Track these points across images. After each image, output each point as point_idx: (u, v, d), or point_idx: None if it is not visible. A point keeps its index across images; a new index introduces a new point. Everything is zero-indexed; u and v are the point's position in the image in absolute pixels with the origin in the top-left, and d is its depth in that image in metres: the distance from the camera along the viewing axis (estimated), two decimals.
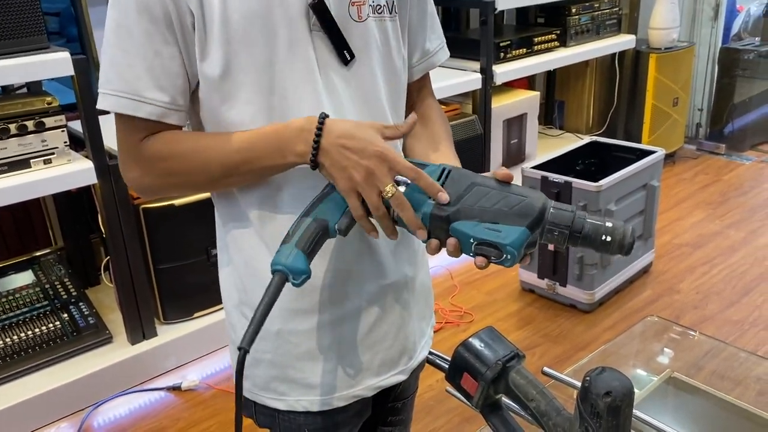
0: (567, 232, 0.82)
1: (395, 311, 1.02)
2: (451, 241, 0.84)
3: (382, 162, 0.81)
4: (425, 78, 1.09)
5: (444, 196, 0.82)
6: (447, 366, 1.09)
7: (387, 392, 1.11)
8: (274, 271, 0.84)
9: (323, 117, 0.84)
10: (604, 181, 2.41)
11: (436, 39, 1.06)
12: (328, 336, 0.98)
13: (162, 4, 0.83)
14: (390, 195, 0.82)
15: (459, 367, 0.93)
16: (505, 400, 0.95)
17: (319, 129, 0.83)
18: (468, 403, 0.96)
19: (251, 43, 0.85)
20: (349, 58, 0.91)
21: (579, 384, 1.16)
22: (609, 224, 0.81)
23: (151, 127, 0.88)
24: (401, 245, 1.01)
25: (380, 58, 0.94)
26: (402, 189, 0.84)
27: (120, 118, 0.88)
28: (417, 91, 1.08)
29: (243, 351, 0.78)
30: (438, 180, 0.85)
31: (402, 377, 1.05)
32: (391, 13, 0.95)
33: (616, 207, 2.49)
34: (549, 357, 2.31)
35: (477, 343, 0.93)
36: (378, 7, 0.93)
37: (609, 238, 0.81)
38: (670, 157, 3.84)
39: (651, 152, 2.68)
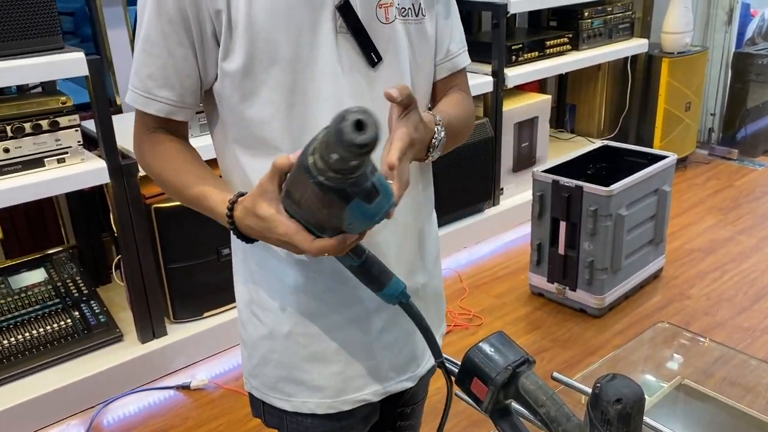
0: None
1: (405, 318, 1.02)
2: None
3: (286, 243, 0.80)
4: (452, 78, 1.07)
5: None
6: (457, 370, 1.10)
7: (396, 397, 1.11)
8: None
9: (231, 205, 0.84)
10: (616, 186, 2.40)
11: (459, 42, 1.06)
12: (336, 339, 0.98)
13: (179, 7, 0.85)
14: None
15: (469, 372, 0.93)
16: (514, 405, 0.95)
17: (230, 218, 0.85)
18: (478, 407, 0.96)
19: (275, 42, 0.86)
20: (376, 60, 0.91)
21: (589, 390, 1.16)
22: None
23: (160, 121, 0.93)
24: (413, 253, 1.01)
25: (408, 61, 0.95)
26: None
27: (137, 110, 0.94)
28: (443, 90, 1.07)
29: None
30: None
31: (409, 384, 1.05)
32: (417, 16, 0.95)
33: (627, 212, 2.48)
34: (558, 362, 2.30)
35: (487, 348, 0.93)
36: (403, 9, 0.93)
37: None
38: (681, 162, 3.82)
39: (663, 157, 2.67)
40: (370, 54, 0.90)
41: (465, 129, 1.05)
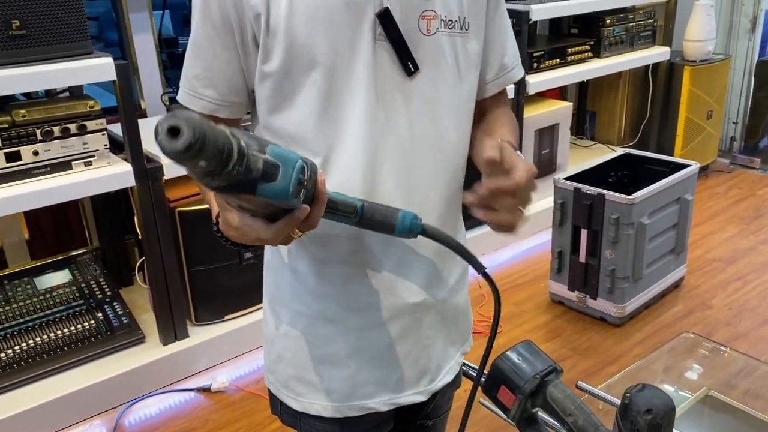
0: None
1: (421, 331, 1.02)
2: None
3: (259, 240, 0.79)
4: (501, 94, 1.08)
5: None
6: (478, 376, 1.10)
7: (416, 409, 1.12)
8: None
9: (216, 220, 0.88)
10: (638, 194, 2.39)
11: (513, 56, 1.06)
12: (347, 344, 0.99)
13: (222, 13, 0.88)
14: (299, 235, 0.80)
15: (496, 380, 0.93)
16: (540, 414, 0.96)
17: (218, 232, 0.88)
18: (504, 415, 0.96)
19: (313, 47, 0.87)
20: (412, 70, 0.91)
21: (614, 399, 1.16)
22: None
23: (208, 118, 0.94)
24: (429, 266, 1.00)
25: (448, 73, 0.94)
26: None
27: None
28: (490, 107, 1.07)
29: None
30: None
31: (421, 398, 1.05)
32: (461, 30, 0.95)
33: (649, 220, 2.47)
34: (578, 370, 2.29)
35: (515, 356, 0.94)
36: (450, 22, 0.93)
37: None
38: (703, 171, 3.79)
39: (685, 165, 2.65)
40: (407, 63, 0.91)
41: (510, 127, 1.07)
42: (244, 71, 0.93)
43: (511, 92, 2.98)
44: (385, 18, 0.88)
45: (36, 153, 1.90)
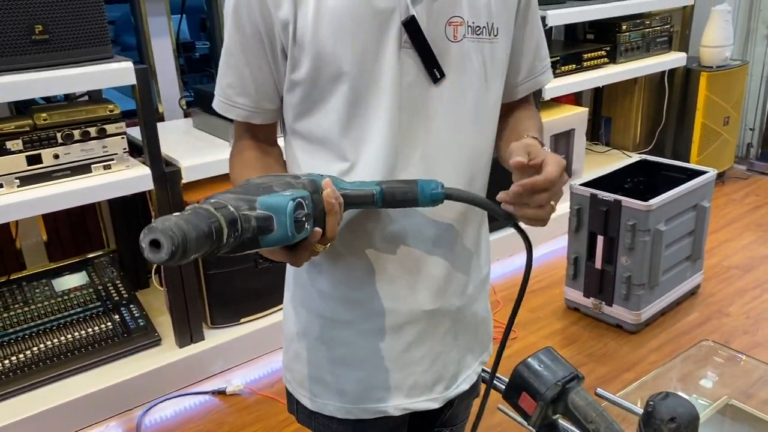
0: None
1: (436, 338, 1.02)
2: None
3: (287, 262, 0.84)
4: (528, 98, 1.09)
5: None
6: (498, 384, 1.10)
7: (432, 417, 1.12)
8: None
9: None
10: (654, 201, 2.38)
11: (544, 59, 1.06)
12: (362, 347, 1.00)
13: (252, 23, 0.90)
14: (323, 249, 0.83)
15: (518, 386, 0.93)
16: (561, 421, 0.95)
17: None
18: (524, 422, 0.96)
19: (340, 56, 0.88)
20: (438, 77, 0.91)
21: (633, 406, 1.16)
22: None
23: (244, 125, 1.00)
24: (453, 274, 1.01)
25: (474, 79, 0.94)
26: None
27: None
28: (517, 107, 1.07)
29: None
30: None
31: (433, 405, 1.05)
32: (489, 36, 0.95)
33: (666, 227, 2.45)
34: (594, 377, 2.28)
35: (536, 363, 0.94)
36: (477, 28, 0.93)
37: None
38: (719, 177, 3.76)
39: (702, 172, 2.64)
40: (433, 70, 0.91)
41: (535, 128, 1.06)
42: (275, 79, 0.95)
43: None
44: (410, 26, 0.88)
45: (56, 156, 1.92)
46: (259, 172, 0.92)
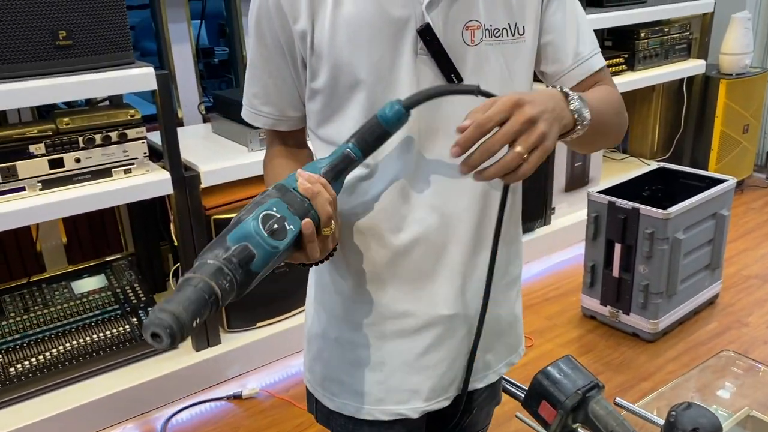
0: None
1: (454, 341, 1.02)
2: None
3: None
4: (589, 82, 1.00)
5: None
6: (517, 392, 1.09)
7: (450, 422, 1.12)
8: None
9: None
10: (673, 209, 2.36)
11: (589, 44, 1.00)
12: (381, 350, 1.01)
13: (273, 35, 0.93)
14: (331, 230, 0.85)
15: (537, 394, 0.93)
16: (581, 430, 0.95)
17: None
18: (543, 431, 0.96)
19: (356, 65, 0.89)
20: (456, 82, 0.91)
21: (651, 416, 1.15)
22: None
23: (272, 132, 1.04)
24: (472, 278, 1.00)
25: (494, 83, 0.93)
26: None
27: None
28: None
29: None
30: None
31: (446, 403, 1.05)
32: (514, 35, 0.94)
33: (684, 235, 2.44)
34: (610, 386, 2.27)
35: (556, 372, 0.94)
36: (496, 30, 0.92)
37: None
38: (738, 186, 3.72)
39: (721, 180, 2.62)
40: (450, 76, 0.91)
41: (613, 112, 0.98)
42: (298, 88, 0.97)
43: None
44: (425, 33, 0.88)
45: (78, 160, 1.95)
46: (287, 171, 0.94)
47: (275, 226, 0.77)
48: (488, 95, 0.85)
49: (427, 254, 0.96)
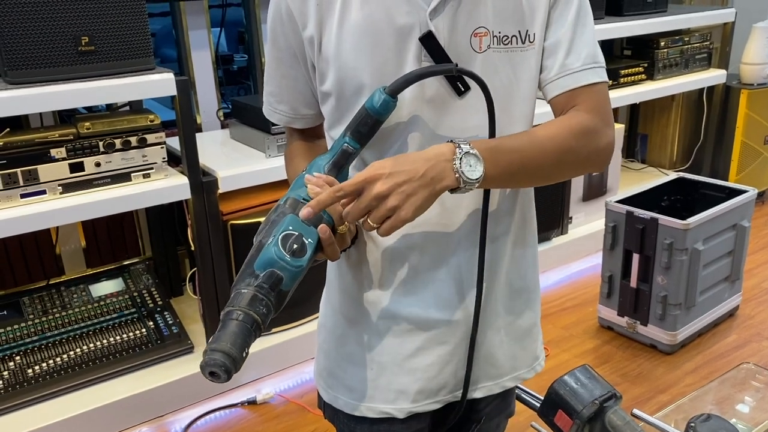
0: None
1: (447, 347, 1.02)
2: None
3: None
4: (572, 97, 0.95)
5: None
6: (532, 401, 1.08)
7: (451, 429, 1.12)
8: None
9: None
10: (693, 219, 2.34)
11: (583, 57, 0.95)
12: (372, 347, 1.02)
13: (285, 39, 0.96)
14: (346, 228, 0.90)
15: (554, 404, 0.92)
16: None
17: None
18: None
19: (361, 71, 0.91)
20: (462, 89, 0.92)
21: (669, 428, 1.13)
22: None
23: (289, 129, 1.10)
24: (468, 286, 1.00)
25: (501, 90, 0.93)
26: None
27: None
28: (560, 111, 0.97)
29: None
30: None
31: (436, 405, 1.05)
32: (524, 43, 0.93)
33: (704, 246, 2.41)
34: (627, 398, 2.24)
35: (572, 381, 0.93)
36: (504, 38, 0.92)
37: None
38: (759, 197, 3.68)
39: (742, 191, 2.59)
40: (456, 83, 0.91)
41: (553, 152, 0.91)
42: (311, 88, 1.00)
43: None
44: (428, 40, 0.89)
45: (98, 164, 1.97)
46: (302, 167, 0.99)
47: (295, 246, 0.81)
48: (469, 74, 0.87)
49: (423, 259, 0.98)
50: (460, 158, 0.83)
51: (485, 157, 0.85)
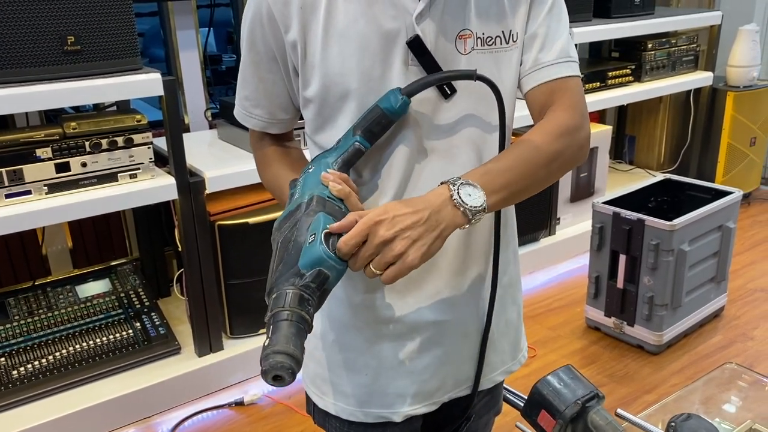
0: None
1: (441, 348, 1.02)
2: None
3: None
4: (548, 92, 0.96)
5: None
6: (517, 401, 1.09)
7: (445, 429, 1.12)
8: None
9: None
10: (679, 221, 2.36)
11: (556, 52, 0.96)
12: (367, 353, 1.02)
13: (265, 42, 0.95)
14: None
15: (537, 404, 0.93)
16: None
17: None
18: None
19: (347, 75, 0.90)
20: (449, 92, 0.92)
21: (653, 428, 1.14)
22: None
23: (259, 133, 1.06)
24: (461, 287, 1.01)
25: (487, 91, 0.93)
26: None
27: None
28: (537, 106, 0.97)
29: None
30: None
31: (432, 407, 1.06)
32: (507, 43, 0.94)
33: (690, 247, 2.43)
34: (614, 398, 2.25)
35: (555, 381, 0.93)
36: (489, 39, 0.93)
37: None
38: (745, 198, 3.72)
39: (727, 193, 2.61)
40: (443, 86, 0.92)
41: (541, 161, 0.92)
42: (289, 92, 0.99)
43: None
44: (415, 45, 0.89)
45: (84, 164, 1.96)
46: (288, 173, 0.99)
47: (333, 243, 0.80)
48: (486, 81, 0.89)
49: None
50: (458, 192, 0.83)
51: (481, 184, 0.85)
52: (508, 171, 0.89)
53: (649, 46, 3.37)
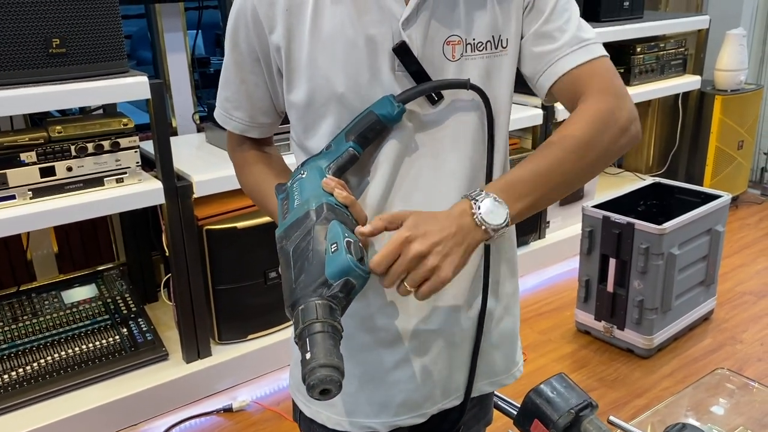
0: None
1: (428, 357, 1.01)
2: None
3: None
4: (573, 83, 0.91)
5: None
6: (510, 409, 1.08)
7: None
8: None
9: None
10: (668, 224, 2.36)
11: (567, 44, 0.92)
12: (352, 361, 0.99)
13: (249, 43, 0.94)
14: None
15: (530, 413, 0.92)
16: None
17: None
18: None
19: (333, 80, 0.89)
20: (436, 98, 0.91)
21: None
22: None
23: (239, 137, 1.05)
24: (447, 297, 0.99)
25: (477, 96, 0.92)
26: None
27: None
28: (568, 98, 0.93)
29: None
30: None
31: (420, 420, 1.04)
32: (497, 48, 0.92)
33: (679, 251, 2.43)
34: (604, 402, 2.25)
35: (548, 390, 0.92)
36: (479, 44, 0.91)
37: None
38: (733, 202, 3.74)
39: (716, 196, 2.62)
40: (430, 93, 0.91)
41: (573, 157, 0.88)
42: (272, 95, 0.98)
43: (539, 119, 2.96)
44: (401, 51, 0.88)
45: (70, 169, 1.93)
46: (271, 178, 0.98)
47: (359, 253, 0.79)
48: (478, 90, 0.89)
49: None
50: (479, 208, 0.82)
51: (504, 198, 0.83)
52: (535, 176, 0.86)
53: (638, 49, 3.38)
